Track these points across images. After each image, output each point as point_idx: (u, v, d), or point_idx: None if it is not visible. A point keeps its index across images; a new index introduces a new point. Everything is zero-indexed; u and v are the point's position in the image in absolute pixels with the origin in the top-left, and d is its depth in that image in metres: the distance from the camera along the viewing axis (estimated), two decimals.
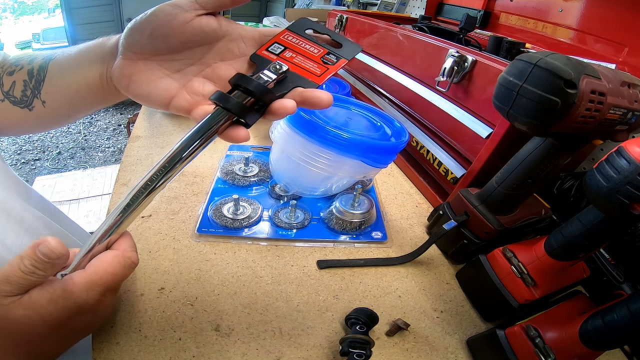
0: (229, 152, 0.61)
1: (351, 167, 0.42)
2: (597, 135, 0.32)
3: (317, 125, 0.39)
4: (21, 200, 0.36)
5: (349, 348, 0.30)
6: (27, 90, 0.32)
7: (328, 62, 0.27)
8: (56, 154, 2.52)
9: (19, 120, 0.33)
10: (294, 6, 2.30)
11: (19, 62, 0.32)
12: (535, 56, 0.27)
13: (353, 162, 0.41)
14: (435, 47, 0.50)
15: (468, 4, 0.83)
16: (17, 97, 0.32)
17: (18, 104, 0.32)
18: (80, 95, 0.31)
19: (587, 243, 0.30)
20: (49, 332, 0.23)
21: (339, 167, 0.42)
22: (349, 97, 0.54)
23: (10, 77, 0.32)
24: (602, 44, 0.56)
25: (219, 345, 0.32)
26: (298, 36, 0.29)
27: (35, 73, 0.31)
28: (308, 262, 0.42)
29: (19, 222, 0.34)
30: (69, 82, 0.31)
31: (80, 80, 0.30)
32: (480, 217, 0.39)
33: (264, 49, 0.28)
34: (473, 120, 0.44)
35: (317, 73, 0.27)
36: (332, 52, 0.28)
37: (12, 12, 5.41)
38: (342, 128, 0.41)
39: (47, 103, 0.32)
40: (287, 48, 0.28)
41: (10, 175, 0.39)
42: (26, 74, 0.31)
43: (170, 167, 0.24)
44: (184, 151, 0.24)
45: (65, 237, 0.41)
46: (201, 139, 0.24)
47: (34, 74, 0.31)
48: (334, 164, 0.42)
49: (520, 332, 0.30)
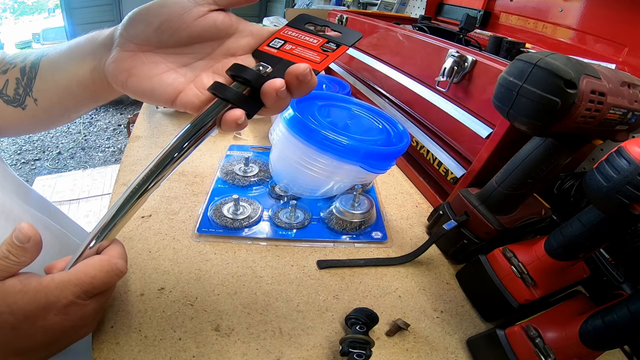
0: (229, 152, 0.61)
1: (350, 172, 0.42)
2: (597, 135, 0.32)
3: (315, 129, 0.39)
4: (20, 201, 0.36)
5: (349, 348, 0.30)
6: (19, 88, 0.31)
7: (328, 50, 0.28)
8: (56, 154, 2.52)
9: (15, 120, 0.33)
10: (294, 6, 2.30)
11: (13, 60, 0.32)
12: (535, 56, 0.27)
13: (352, 167, 0.41)
14: (435, 47, 0.50)
15: (468, 4, 0.83)
16: (10, 96, 0.31)
17: (11, 103, 0.31)
18: (71, 92, 0.30)
19: (587, 243, 0.30)
20: (17, 323, 0.23)
21: (337, 172, 0.42)
22: (351, 97, 0.54)
23: (4, 75, 0.31)
24: (602, 44, 0.56)
25: (219, 345, 0.32)
26: (298, 30, 0.29)
27: (27, 70, 0.30)
28: (308, 262, 0.42)
29: (18, 224, 0.34)
30: (59, 79, 0.30)
31: (71, 77, 0.29)
32: (480, 217, 0.39)
33: (265, 45, 0.29)
34: (473, 120, 0.44)
35: (316, 61, 0.27)
36: (331, 41, 0.28)
37: (12, 12, 5.41)
38: (342, 132, 0.41)
39: (39, 101, 0.31)
40: (287, 42, 0.28)
41: (9, 176, 0.39)
42: (18, 72, 0.31)
43: (166, 164, 0.24)
44: (182, 144, 0.24)
45: (66, 238, 0.41)
46: (199, 132, 0.24)
47: (26, 72, 0.31)
48: (332, 169, 0.41)
49: (520, 332, 0.30)
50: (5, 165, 0.39)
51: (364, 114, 0.51)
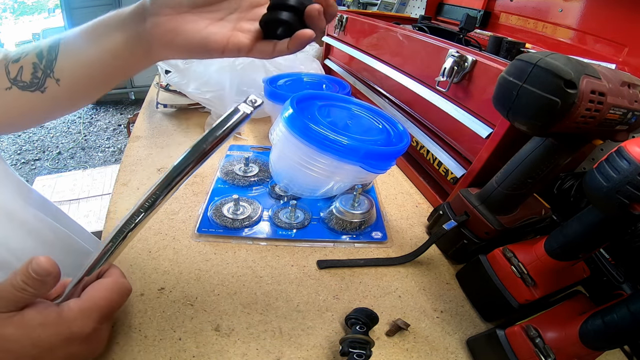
0: (229, 152, 0.61)
1: (350, 172, 0.42)
2: (597, 135, 0.32)
3: (315, 129, 0.39)
4: (23, 202, 0.36)
5: (349, 348, 0.30)
6: (37, 72, 0.31)
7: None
8: (56, 154, 2.52)
9: (31, 107, 0.33)
10: None
11: (23, 50, 0.32)
12: (535, 56, 0.27)
13: (352, 167, 0.41)
14: (435, 47, 0.50)
15: (468, 4, 0.83)
16: (26, 81, 0.32)
17: (28, 88, 0.32)
18: (103, 64, 0.31)
19: (587, 243, 0.30)
20: (39, 355, 0.22)
21: (337, 172, 0.42)
22: (351, 97, 0.54)
23: (17, 63, 0.32)
24: (602, 44, 0.56)
25: (219, 345, 0.32)
26: None
27: (46, 54, 0.31)
28: (308, 262, 0.42)
29: (21, 225, 0.34)
30: (88, 54, 0.31)
31: (103, 49, 0.31)
32: (480, 217, 0.39)
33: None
34: (473, 120, 0.44)
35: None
36: None
37: (12, 12, 5.40)
38: (342, 132, 0.41)
39: (62, 81, 0.32)
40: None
41: (11, 176, 0.39)
42: (35, 57, 0.31)
43: (182, 170, 0.25)
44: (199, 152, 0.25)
45: (68, 238, 0.41)
46: (224, 131, 0.26)
47: (44, 55, 0.31)
48: (332, 169, 0.41)
49: (520, 332, 0.30)
50: (6, 165, 0.39)
51: (364, 114, 0.51)
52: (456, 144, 0.49)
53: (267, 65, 0.67)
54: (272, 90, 0.58)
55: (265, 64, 0.67)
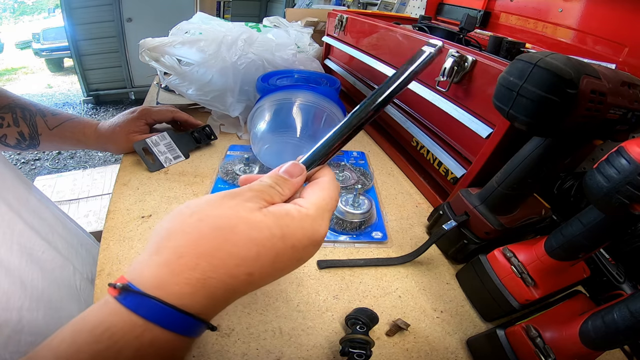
0: (229, 152, 0.61)
1: (305, 95, 0.54)
2: (597, 135, 0.32)
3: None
4: (28, 199, 0.36)
5: (349, 348, 0.30)
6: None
7: None
8: (56, 154, 2.52)
9: None
10: (294, 6, 2.29)
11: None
12: (535, 56, 0.27)
13: (305, 92, 0.54)
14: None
15: (468, 4, 0.83)
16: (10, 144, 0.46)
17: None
18: None
19: (587, 243, 0.30)
20: (282, 251, 0.21)
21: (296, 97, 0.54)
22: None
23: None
24: (602, 44, 0.56)
25: (219, 345, 0.32)
26: None
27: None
28: (308, 262, 0.41)
29: (26, 221, 0.34)
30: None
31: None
32: (480, 217, 0.39)
33: None
34: (473, 120, 0.44)
35: None
36: None
37: (12, 12, 5.40)
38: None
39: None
40: None
41: (12, 172, 0.39)
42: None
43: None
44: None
45: (73, 238, 0.42)
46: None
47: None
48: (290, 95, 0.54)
49: (520, 332, 0.30)
50: (10, 165, 0.39)
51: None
52: (456, 144, 0.49)
53: (266, 65, 0.67)
54: (264, 86, 0.60)
55: (265, 63, 0.67)
